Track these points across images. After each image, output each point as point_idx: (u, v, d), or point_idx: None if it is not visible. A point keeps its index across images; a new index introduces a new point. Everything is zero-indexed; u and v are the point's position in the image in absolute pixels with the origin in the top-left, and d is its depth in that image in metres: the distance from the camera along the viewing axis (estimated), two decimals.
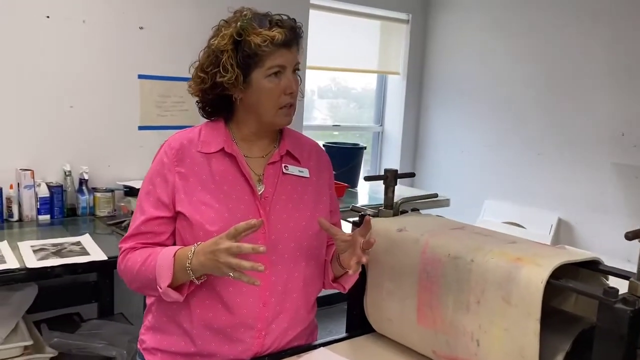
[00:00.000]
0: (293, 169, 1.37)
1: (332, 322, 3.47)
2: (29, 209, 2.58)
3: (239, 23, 1.28)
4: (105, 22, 2.76)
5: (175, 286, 1.22)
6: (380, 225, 1.37)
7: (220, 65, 1.27)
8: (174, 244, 1.31)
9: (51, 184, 2.65)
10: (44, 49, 2.61)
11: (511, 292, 1.05)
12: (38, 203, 2.59)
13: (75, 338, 2.42)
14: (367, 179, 1.57)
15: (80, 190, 2.71)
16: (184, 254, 1.21)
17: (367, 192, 3.54)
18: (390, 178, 1.45)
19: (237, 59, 1.26)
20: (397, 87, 4.24)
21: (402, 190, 3.51)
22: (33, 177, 2.58)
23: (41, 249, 2.12)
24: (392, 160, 4.28)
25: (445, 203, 3.36)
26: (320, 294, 1.44)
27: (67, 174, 2.70)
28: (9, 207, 2.55)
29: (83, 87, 2.74)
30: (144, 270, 1.25)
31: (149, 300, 1.38)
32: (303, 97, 1.47)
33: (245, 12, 1.31)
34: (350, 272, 1.24)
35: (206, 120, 1.40)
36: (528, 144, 3.65)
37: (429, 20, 4.18)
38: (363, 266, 1.43)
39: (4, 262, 1.95)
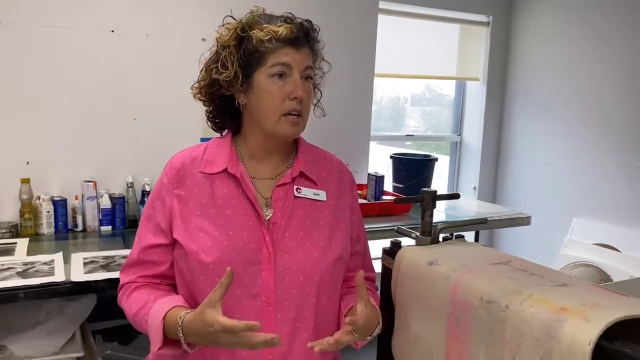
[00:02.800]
0: (307, 192, 1.21)
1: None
2: (92, 219, 2.63)
3: (243, 19, 1.17)
4: (167, 35, 2.77)
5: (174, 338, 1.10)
6: (409, 255, 1.19)
7: (220, 60, 1.16)
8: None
9: (114, 195, 2.69)
10: (108, 62, 2.66)
11: (551, 353, 0.84)
12: (100, 214, 2.63)
13: (127, 351, 2.42)
14: (398, 201, 1.38)
15: (142, 202, 2.73)
16: (172, 324, 1.08)
17: (443, 209, 3.26)
18: (427, 200, 1.26)
19: (239, 55, 1.15)
20: (476, 94, 3.95)
21: (481, 207, 3.26)
22: (96, 189, 2.63)
23: (91, 262, 2.13)
24: (471, 172, 3.99)
25: (524, 221, 3.05)
26: None
27: (129, 185, 2.73)
28: (74, 218, 2.61)
29: (146, 100, 2.77)
30: (139, 320, 1.16)
31: None
32: (324, 114, 1.31)
33: (254, 10, 1.20)
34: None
35: (217, 136, 1.30)
36: (625, 156, 3.23)
37: (512, 22, 3.86)
38: (391, 303, 1.26)
39: (52, 274, 1.98)
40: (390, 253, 1.24)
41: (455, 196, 1.37)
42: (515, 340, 0.90)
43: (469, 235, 3.24)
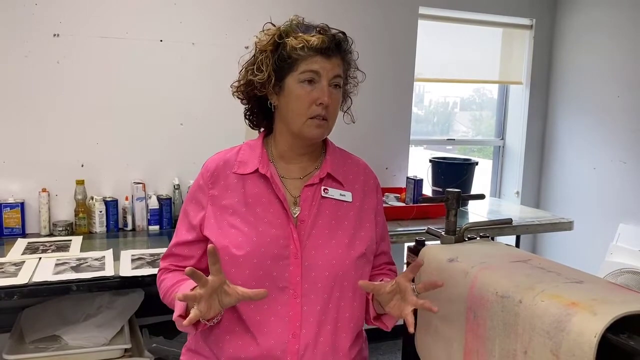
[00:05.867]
0: (333, 192, 1.28)
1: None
2: (141, 219, 2.76)
3: (282, 26, 1.25)
4: (213, 44, 2.89)
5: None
6: (431, 252, 1.23)
7: (256, 63, 1.25)
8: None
9: (161, 197, 2.82)
10: (157, 70, 2.80)
11: (560, 344, 0.87)
12: (148, 214, 2.76)
13: (173, 345, 2.53)
14: (422, 200, 1.42)
15: None
16: None
17: (485, 213, 3.24)
18: (451, 200, 1.30)
19: (274, 60, 1.23)
20: (519, 97, 3.90)
21: (523, 212, 3.23)
22: (144, 190, 2.77)
23: (139, 259, 2.25)
24: (514, 177, 3.94)
25: (567, 226, 3.00)
26: (372, 328, 1.33)
27: (175, 187, 2.86)
28: (124, 217, 2.76)
29: (193, 105, 2.90)
30: (169, 296, 1.27)
31: None
32: (353, 121, 1.38)
33: (293, 19, 1.28)
34: (408, 324, 1.08)
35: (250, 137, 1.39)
36: None
37: (556, 24, 3.80)
38: None
39: (103, 269, 2.10)
40: (414, 251, 1.29)
41: (480, 197, 1.40)
42: (527, 333, 0.93)
43: (510, 240, 3.22)
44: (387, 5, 3.26)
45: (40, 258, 2.20)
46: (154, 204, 2.77)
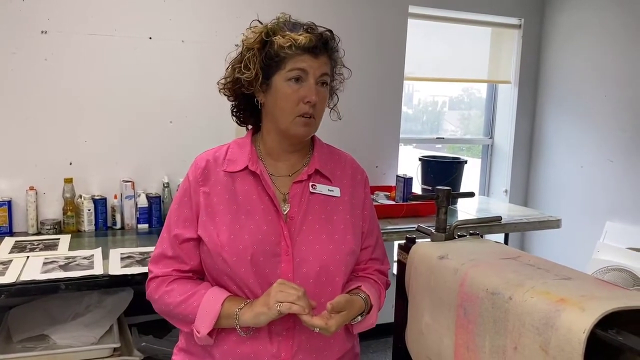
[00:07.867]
0: (322, 188, 1.28)
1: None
2: (130, 217, 2.75)
3: (269, 24, 1.25)
4: (202, 41, 2.88)
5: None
6: (422, 250, 1.23)
7: (243, 61, 1.24)
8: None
9: (150, 195, 2.80)
10: (146, 68, 2.79)
11: (549, 340, 0.88)
12: (137, 212, 2.75)
13: (162, 343, 2.52)
14: (412, 198, 1.43)
15: None
16: (236, 300, 1.20)
17: (474, 212, 3.26)
18: (441, 198, 1.31)
19: (261, 58, 1.23)
20: (508, 96, 3.93)
21: (512, 210, 3.26)
22: (134, 188, 2.75)
23: (128, 257, 2.24)
24: (502, 175, 3.97)
25: (554, 224, 3.03)
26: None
27: (165, 185, 2.85)
28: (113, 216, 2.74)
29: (182, 103, 2.88)
30: (184, 308, 1.22)
31: None
32: (340, 118, 1.39)
33: (280, 16, 1.28)
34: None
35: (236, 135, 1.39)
36: None
37: (544, 24, 3.83)
38: (406, 296, 1.31)
39: (92, 268, 2.09)
40: (405, 248, 1.29)
41: (470, 194, 1.41)
42: (517, 329, 0.94)
43: (499, 238, 3.24)
44: (376, 3, 3.27)
45: (28, 257, 2.19)
46: (143, 202, 2.76)
